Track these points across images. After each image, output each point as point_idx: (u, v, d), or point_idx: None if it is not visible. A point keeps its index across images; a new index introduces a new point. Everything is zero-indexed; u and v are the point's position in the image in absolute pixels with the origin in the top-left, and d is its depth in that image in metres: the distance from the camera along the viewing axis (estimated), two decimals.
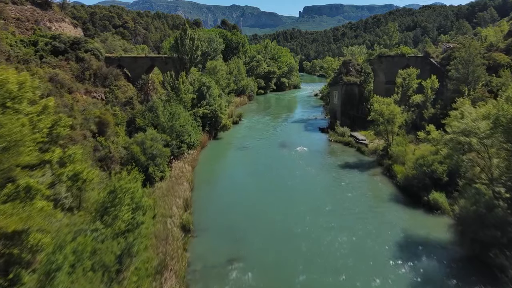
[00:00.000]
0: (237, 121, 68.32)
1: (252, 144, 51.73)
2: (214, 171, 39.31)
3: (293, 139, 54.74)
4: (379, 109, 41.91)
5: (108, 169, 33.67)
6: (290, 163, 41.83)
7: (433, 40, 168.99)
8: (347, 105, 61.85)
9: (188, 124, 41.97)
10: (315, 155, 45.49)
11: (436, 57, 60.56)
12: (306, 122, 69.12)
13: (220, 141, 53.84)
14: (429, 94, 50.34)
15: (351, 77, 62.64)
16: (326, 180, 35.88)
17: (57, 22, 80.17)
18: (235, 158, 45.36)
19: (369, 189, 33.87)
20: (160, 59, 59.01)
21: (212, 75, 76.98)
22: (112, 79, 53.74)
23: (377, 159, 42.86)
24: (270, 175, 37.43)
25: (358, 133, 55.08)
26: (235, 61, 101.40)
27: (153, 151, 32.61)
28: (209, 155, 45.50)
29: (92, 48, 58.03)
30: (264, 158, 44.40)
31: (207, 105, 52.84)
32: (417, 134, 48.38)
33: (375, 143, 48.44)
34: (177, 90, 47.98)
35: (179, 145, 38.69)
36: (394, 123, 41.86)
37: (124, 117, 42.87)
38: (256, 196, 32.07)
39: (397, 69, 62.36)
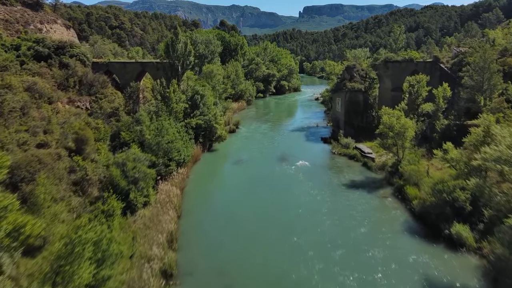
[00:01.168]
0: (234, 130, 64.41)
1: (249, 158, 47.82)
2: (205, 193, 35.34)
3: (294, 151, 50.81)
4: (389, 122, 38.00)
5: (84, 194, 29.82)
6: (291, 182, 37.88)
7: (436, 42, 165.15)
8: (351, 114, 57.95)
9: (177, 139, 38.03)
10: (318, 172, 41.57)
11: (447, 62, 56.68)
12: (307, 131, 65.22)
13: (214, 154, 49.93)
14: (440, 104, 46.40)
15: (355, 83, 58.74)
16: (331, 205, 31.89)
17: (48, 23, 76.45)
18: (229, 175, 41.39)
19: (380, 216, 29.94)
20: (151, 65, 55.12)
21: (208, 80, 73.21)
22: (99, 87, 49.90)
23: (386, 177, 38.96)
24: (269, 198, 33.45)
25: (363, 144, 51.15)
26: (233, 64, 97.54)
27: (135, 174, 28.69)
28: (201, 172, 41.56)
29: (78, 53, 54.18)
30: (262, 175, 40.47)
31: (200, 115, 48.91)
32: (429, 148, 44.79)
33: (382, 157, 44.57)
34: (168, 100, 44.06)
35: (167, 163, 34.78)
36: (405, 138, 37.94)
37: (107, 130, 38.96)
38: (252, 227, 28.13)
39: (405, 75, 58.56)
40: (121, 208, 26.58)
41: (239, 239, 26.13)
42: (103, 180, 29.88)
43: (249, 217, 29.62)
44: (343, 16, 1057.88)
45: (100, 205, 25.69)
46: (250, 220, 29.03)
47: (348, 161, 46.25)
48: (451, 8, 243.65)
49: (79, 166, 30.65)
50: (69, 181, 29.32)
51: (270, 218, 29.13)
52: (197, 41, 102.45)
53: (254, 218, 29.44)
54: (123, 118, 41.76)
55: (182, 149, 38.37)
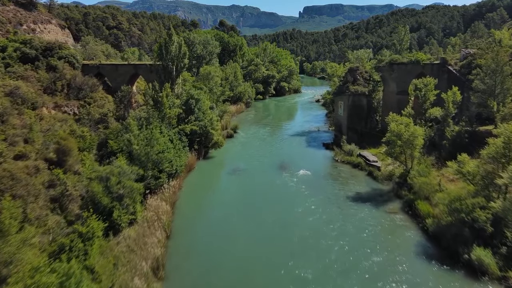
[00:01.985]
0: (231, 135, 61.65)
1: (247, 166, 45.05)
2: (198, 208, 32.44)
3: (294, 159, 48.07)
4: (396, 130, 35.26)
5: (64, 211, 27.07)
6: (292, 196, 35.02)
7: (439, 42, 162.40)
8: (354, 118, 55.21)
9: (169, 148, 35.30)
10: (321, 183, 38.81)
11: (455, 64, 53.90)
12: (308, 135, 62.46)
13: (210, 162, 47.16)
14: (450, 109, 43.63)
15: (358, 86, 56.02)
16: (337, 224, 29.01)
17: (42, 23, 73.96)
18: (225, 188, 38.55)
19: (391, 237, 27.15)
20: (144, 67, 52.36)
21: (206, 82, 70.52)
22: (88, 91, 47.24)
23: (394, 188, 36.21)
24: (268, 216, 30.53)
25: (367, 152, 48.40)
26: (232, 66, 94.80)
27: (120, 190, 25.94)
28: (195, 183, 38.77)
29: (67, 54, 51.50)
30: (261, 187, 37.70)
31: (196, 121, 46.19)
32: (438, 156, 42.07)
33: (389, 167, 41.82)
34: (160, 105, 41.33)
35: (157, 175, 32.02)
36: (415, 147, 35.20)
37: (94, 139, 36.24)
38: (249, 250, 25.30)
39: (411, 78, 55.85)
40: (102, 228, 23.94)
41: (235, 266, 23.34)
42: (85, 196, 27.13)
43: (247, 239, 26.81)
44: (343, 16, 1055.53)
45: (78, 226, 22.99)
46: (248, 242, 26.23)
47: (352, 170, 43.50)
48: (453, 8, 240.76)
49: (59, 180, 27.93)
50: (47, 198, 26.59)
51: (271, 241, 26.23)
52: (194, 41, 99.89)
53: (252, 240, 26.63)
54: (112, 125, 39.01)
55: (174, 159, 35.62)
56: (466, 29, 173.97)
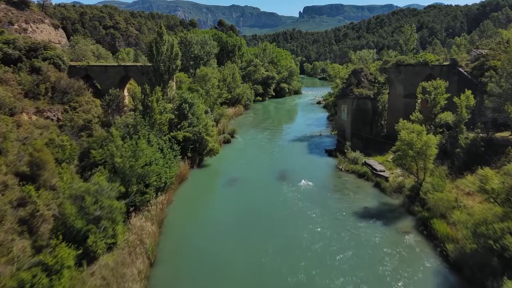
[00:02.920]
0: (229, 140, 58.41)
1: (244, 176, 41.80)
2: (188, 227, 29.05)
3: (295, 167, 44.87)
4: (408, 139, 32.02)
5: (34, 235, 23.84)
6: (293, 212, 31.67)
7: (442, 42, 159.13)
8: (359, 123, 51.96)
9: (158, 159, 32.09)
10: (324, 196, 35.54)
11: (466, 66, 50.69)
12: (309, 141, 59.23)
13: (205, 171, 43.91)
14: (463, 114, 40.39)
15: (363, 89, 52.78)
16: (344, 249, 25.65)
17: (34, 23, 70.88)
18: (220, 202, 35.17)
19: (407, 263, 23.84)
20: (135, 69, 49.08)
21: (202, 84, 67.38)
22: (73, 94, 44.03)
23: (405, 202, 32.98)
24: (267, 237, 27.10)
25: (373, 159, 45.19)
26: (230, 67, 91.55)
27: (97, 211, 22.73)
28: (187, 196, 35.49)
29: (53, 55, 48.27)
30: (259, 201, 34.41)
31: (189, 127, 42.99)
32: (451, 166, 38.87)
33: (397, 177, 38.59)
34: (150, 110, 38.11)
35: (143, 190, 28.78)
36: (428, 158, 31.96)
37: (75, 148, 32.98)
38: (246, 281, 22.07)
39: (419, 80, 52.54)
40: (75, 257, 20.77)
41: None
42: (58, 217, 23.90)
43: (242, 270, 23.49)
44: (343, 16, 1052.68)
45: (44, 257, 19.80)
46: (243, 275, 22.94)
47: (357, 180, 40.27)
48: (456, 7, 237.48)
49: (30, 198, 24.73)
50: (14, 219, 23.36)
51: (272, 276, 22.83)
52: (192, 41, 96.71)
53: (248, 272, 23.30)
54: (96, 132, 35.78)
55: (163, 171, 32.38)
56: (469, 29, 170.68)
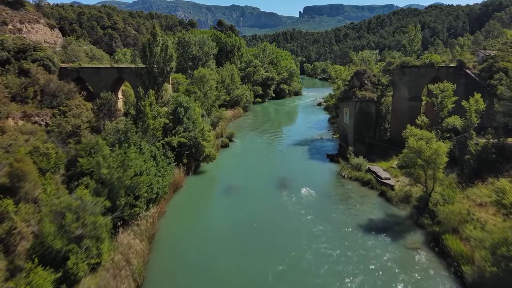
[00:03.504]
0: (227, 144, 56.37)
1: (242, 183, 39.76)
2: (181, 243, 26.83)
3: (296, 174, 42.86)
4: (416, 147, 29.99)
5: (10, 254, 21.83)
6: (295, 225, 29.55)
7: (444, 42, 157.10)
8: (362, 127, 49.92)
9: (151, 168, 30.07)
10: (327, 206, 33.51)
11: (473, 68, 48.68)
12: (310, 145, 57.20)
13: (201, 178, 41.87)
14: (473, 119, 38.34)
15: (366, 91, 50.74)
16: (349, 267, 23.64)
17: (29, 23, 68.91)
18: (216, 213, 32.98)
19: (416, 283, 21.84)
20: (129, 71, 47.00)
21: (200, 85, 65.34)
22: (63, 97, 42.05)
23: (413, 214, 30.93)
24: (267, 257, 24.96)
25: (378, 166, 43.14)
26: (228, 68, 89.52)
27: (78, 230, 20.70)
28: (181, 207, 33.44)
29: (42, 56, 46.31)
30: (258, 212, 32.30)
31: (184, 132, 40.97)
32: (460, 173, 36.83)
33: (404, 185, 36.53)
34: (143, 115, 36.10)
35: (132, 203, 26.74)
36: (438, 167, 29.93)
37: (62, 156, 30.96)
38: None
39: (424, 82, 50.62)
40: (52, 282, 18.77)
41: None
42: (38, 235, 21.88)
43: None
44: (343, 16, 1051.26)
45: (17, 283, 17.80)
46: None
47: (361, 188, 38.23)
48: (457, 7, 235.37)
49: (8, 214, 22.71)
50: None
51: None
52: (190, 42, 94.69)
53: None
54: (85, 139, 33.73)
55: (155, 180, 30.38)
56: (472, 29, 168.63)
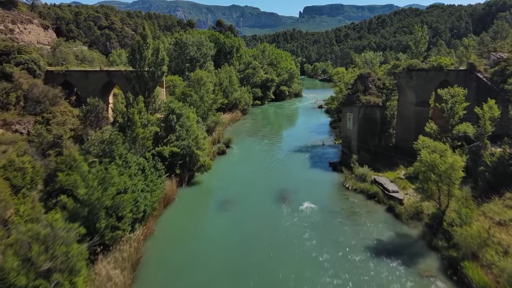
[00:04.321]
0: (224, 151, 53.58)
1: (239, 196, 36.99)
2: (169, 270, 23.77)
3: (296, 185, 40.12)
4: (430, 160, 27.23)
5: None
6: (295, 246, 26.74)
7: (447, 43, 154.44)
8: (367, 134, 47.17)
9: (137, 184, 27.33)
10: (330, 224, 30.74)
11: (485, 71, 45.90)
12: (311, 151, 54.44)
13: (195, 190, 39.12)
14: (487, 127, 35.63)
15: (371, 96, 47.96)
16: None
17: (22, 23, 66.57)
18: (209, 232, 30.03)
19: None
20: (120, 74, 44.30)
21: (197, 88, 62.63)
22: (47, 103, 39.36)
23: (425, 234, 28.15)
24: (264, 283, 22.48)
25: (384, 177, 40.38)
26: (227, 70, 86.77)
27: (47, 263, 17.95)
28: (171, 224, 30.64)
29: (27, 59, 43.67)
30: (255, 230, 29.55)
31: (177, 140, 38.24)
32: (474, 187, 34.09)
33: (414, 200, 33.75)
34: (131, 123, 33.37)
35: (115, 225, 23.97)
36: (454, 183, 27.18)
37: (39, 171, 28.22)
38: None
39: (433, 86, 47.88)
40: None
41: None
42: None
43: None
44: (343, 16, 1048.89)
45: None
46: None
47: (367, 202, 35.47)
48: (459, 7, 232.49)
49: None
50: None
51: None
52: (187, 43, 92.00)
53: None
54: (66, 150, 30.95)
55: (143, 197, 27.64)
56: (475, 29, 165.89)
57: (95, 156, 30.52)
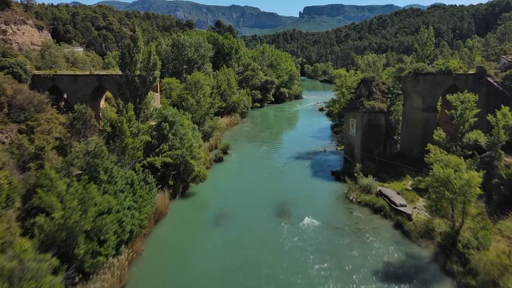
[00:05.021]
0: (221, 158, 51.19)
1: (236, 210, 34.66)
2: None
3: (297, 197, 37.80)
4: (444, 176, 24.87)
5: None
6: (298, 274, 24.37)
7: (450, 44, 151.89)
8: (371, 141, 44.85)
9: (123, 202, 25.00)
10: (334, 243, 28.40)
11: (495, 75, 43.59)
12: (312, 158, 52.07)
13: (189, 202, 36.78)
14: (501, 136, 33.31)
15: (375, 101, 45.64)
16: None
17: (15, 24, 64.25)
18: (203, 251, 27.44)
19: None
20: (110, 78, 41.90)
21: (194, 92, 60.42)
22: (32, 111, 36.98)
23: (438, 255, 25.79)
24: None
25: (390, 188, 38.07)
26: (225, 72, 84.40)
27: None
28: (161, 243, 28.25)
29: (12, 63, 41.34)
30: (252, 250, 27.25)
31: (170, 150, 35.91)
32: (487, 201, 31.77)
33: (422, 214, 31.40)
34: (120, 133, 31.05)
35: (96, 250, 21.61)
36: (470, 200, 24.84)
37: (17, 187, 25.86)
38: None
39: (440, 91, 45.61)
40: None
41: None
42: None
43: None
44: (343, 16, 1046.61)
45: None
46: None
47: (372, 217, 33.10)
48: (460, 7, 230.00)
49: None
50: None
51: None
52: (185, 44, 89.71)
53: None
54: (48, 163, 28.60)
55: (130, 215, 25.30)
56: (478, 30, 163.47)
57: (80, 168, 28.22)
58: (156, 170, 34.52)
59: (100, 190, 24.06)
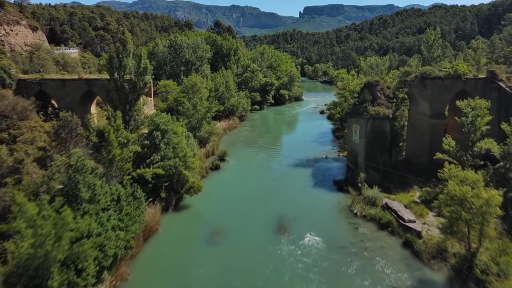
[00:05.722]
0: (218, 166, 48.85)
1: (232, 226, 32.33)
2: None
3: (297, 209, 35.48)
4: (460, 195, 22.52)
5: None
6: None
7: (452, 45, 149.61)
8: (375, 149, 42.47)
9: (106, 224, 22.68)
10: (337, 264, 26.07)
11: (508, 80, 41.26)
12: (313, 166, 49.73)
13: (182, 216, 34.43)
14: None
15: (380, 106, 43.27)
16: None
17: (9, 25, 61.75)
18: (195, 274, 25.18)
19: None
20: (100, 83, 39.55)
21: (191, 95, 58.15)
22: (15, 118, 34.66)
23: (452, 281, 23.46)
24: None
25: (396, 200, 35.78)
26: (223, 74, 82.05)
27: None
28: (150, 265, 25.82)
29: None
30: (249, 273, 24.93)
31: (162, 161, 33.57)
32: (505, 216, 29.47)
33: (432, 231, 29.09)
34: (107, 143, 28.73)
35: (73, 280, 19.25)
36: (488, 221, 22.52)
37: None
38: None
39: (449, 96, 43.25)
40: None
41: None
42: None
43: None
44: (343, 16, 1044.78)
45: None
46: None
47: (379, 233, 30.76)
48: (463, 7, 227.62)
49: None
50: None
51: None
52: (182, 45, 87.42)
53: None
54: (27, 178, 26.26)
55: (113, 236, 22.97)
56: (480, 30, 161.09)
57: (61, 183, 25.90)
58: (147, 182, 32.21)
59: (80, 210, 21.74)
